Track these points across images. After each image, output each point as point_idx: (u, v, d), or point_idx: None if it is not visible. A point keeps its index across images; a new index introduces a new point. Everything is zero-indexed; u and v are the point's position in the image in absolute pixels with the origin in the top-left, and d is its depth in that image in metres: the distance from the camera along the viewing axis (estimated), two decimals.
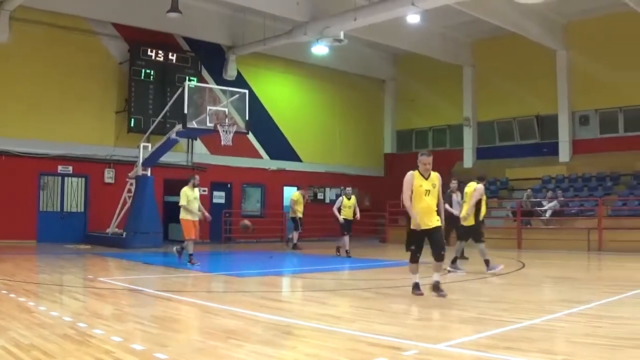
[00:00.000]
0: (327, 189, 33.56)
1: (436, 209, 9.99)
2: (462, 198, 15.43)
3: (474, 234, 14.27)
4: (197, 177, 15.90)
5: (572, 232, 23.35)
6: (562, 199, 25.29)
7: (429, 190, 9.92)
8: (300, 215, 23.90)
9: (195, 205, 15.52)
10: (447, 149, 33.83)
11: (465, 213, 14.17)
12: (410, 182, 9.95)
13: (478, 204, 14.13)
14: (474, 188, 14.28)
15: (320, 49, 27.24)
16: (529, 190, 26.99)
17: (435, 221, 9.92)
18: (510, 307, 9.27)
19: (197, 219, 15.53)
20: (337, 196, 24.56)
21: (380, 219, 30.59)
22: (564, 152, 29.43)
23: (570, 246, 22.18)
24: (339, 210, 19.84)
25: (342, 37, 25.41)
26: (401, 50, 32.06)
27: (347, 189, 20.59)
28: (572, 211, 25.26)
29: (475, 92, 32.54)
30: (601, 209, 23.22)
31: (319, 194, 33.26)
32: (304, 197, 24.54)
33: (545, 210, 25.10)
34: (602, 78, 27.51)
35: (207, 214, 15.99)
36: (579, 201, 25.58)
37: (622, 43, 27.09)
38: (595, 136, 28.92)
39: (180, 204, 15.40)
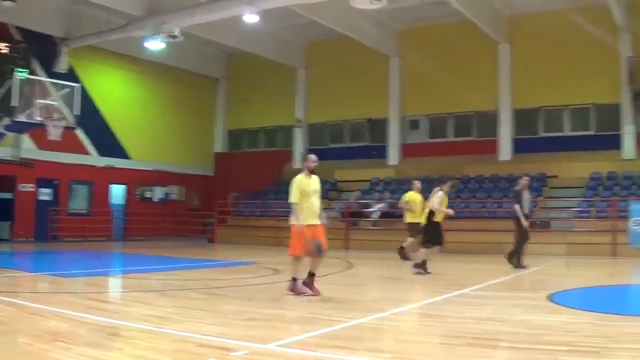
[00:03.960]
0: (157, 188, 34.16)
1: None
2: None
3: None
4: None
5: (399, 233, 25.27)
6: (391, 200, 27.34)
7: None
8: None
9: None
10: (278, 150, 35.70)
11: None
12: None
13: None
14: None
15: (154, 44, 27.55)
16: (357, 191, 29.01)
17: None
18: (339, 306, 9.98)
19: None
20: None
21: (209, 219, 31.61)
22: (394, 155, 31.91)
23: (397, 247, 24.03)
24: None
25: (177, 33, 25.92)
26: (236, 49, 33.27)
27: None
28: (400, 213, 27.25)
29: (308, 94, 34.48)
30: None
31: (147, 193, 33.77)
32: None
33: (374, 212, 27.07)
34: (433, 84, 30.44)
35: None
36: None
37: (454, 51, 30.16)
38: (425, 140, 31.68)
39: None
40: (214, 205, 31.65)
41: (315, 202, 11.14)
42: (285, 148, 35.56)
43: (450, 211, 16.18)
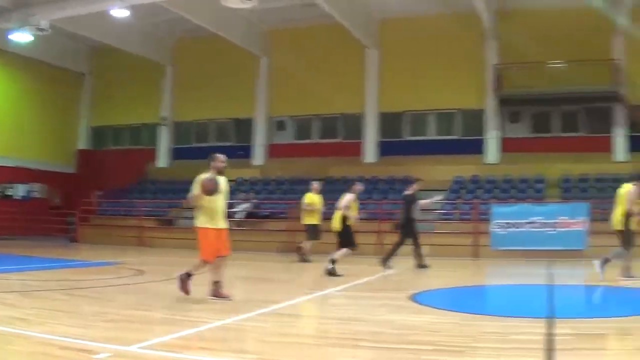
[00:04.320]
0: (18, 185, 32.97)
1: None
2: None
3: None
4: None
5: (264, 234, 25.40)
6: (256, 201, 27.30)
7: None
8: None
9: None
10: (143, 148, 35.05)
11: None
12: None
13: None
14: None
15: (21, 37, 26.62)
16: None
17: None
18: (202, 307, 9.90)
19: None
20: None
21: (71, 217, 30.46)
22: (259, 156, 31.87)
23: (262, 247, 24.05)
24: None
25: (44, 26, 25.19)
26: (102, 44, 32.32)
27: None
28: (265, 213, 27.33)
29: (175, 92, 34.03)
30: (293, 212, 25.49)
31: (8, 190, 32.55)
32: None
33: (239, 212, 26.89)
34: (301, 86, 30.67)
35: None
36: (271, 204, 27.80)
37: (323, 53, 30.56)
38: (291, 141, 31.81)
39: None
40: (77, 204, 30.68)
41: (222, 203, 10.74)
42: (150, 146, 34.89)
43: (354, 214, 16.18)
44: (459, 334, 7.85)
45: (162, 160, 34.24)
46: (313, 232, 19.84)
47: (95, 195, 32.07)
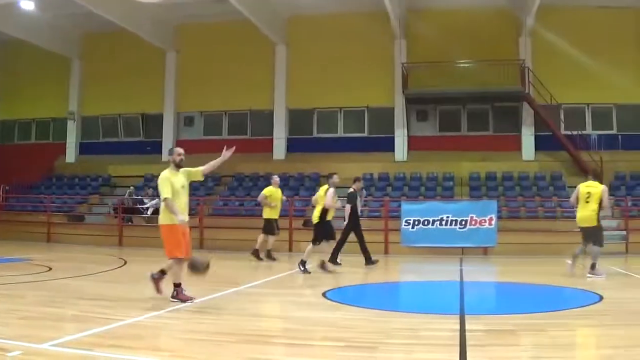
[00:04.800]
0: None
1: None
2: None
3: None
4: None
5: None
6: None
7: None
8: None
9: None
10: (51, 143, 34.08)
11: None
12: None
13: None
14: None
15: None
16: (131, 187, 28.25)
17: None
18: (114, 304, 9.66)
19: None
20: None
21: None
22: (167, 152, 31.35)
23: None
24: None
25: None
26: (9, 36, 30.82)
27: None
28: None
29: (83, 86, 33.23)
30: (202, 208, 25.41)
31: None
32: None
33: (147, 208, 26.48)
34: (209, 81, 30.52)
35: None
36: None
37: (232, 49, 30.36)
38: (200, 137, 31.52)
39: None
40: None
41: (184, 198, 10.40)
42: (59, 141, 33.88)
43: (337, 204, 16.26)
44: (371, 330, 7.88)
45: (71, 155, 33.34)
46: (272, 226, 19.26)
47: (1, 190, 31.05)
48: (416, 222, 22.28)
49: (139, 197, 27.41)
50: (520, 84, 27.52)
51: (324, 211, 15.68)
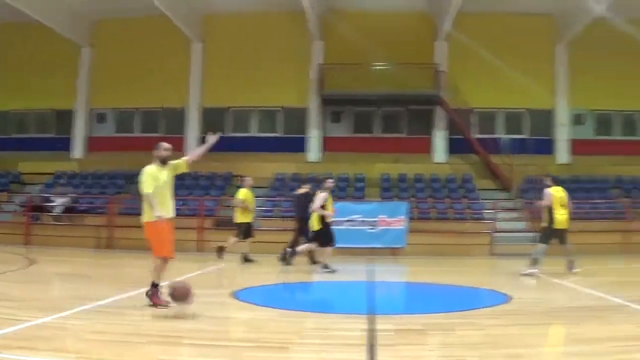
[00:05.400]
0: None
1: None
2: None
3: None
4: None
5: (83, 229, 24.56)
6: (74, 195, 26.33)
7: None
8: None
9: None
10: None
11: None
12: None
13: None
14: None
15: None
16: (41, 185, 27.60)
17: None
18: (19, 305, 9.39)
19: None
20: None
21: None
22: (79, 148, 30.75)
23: (80, 243, 23.25)
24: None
25: None
26: None
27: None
28: (83, 208, 26.43)
29: None
30: (112, 207, 24.97)
31: None
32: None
33: (56, 206, 25.87)
34: (123, 78, 30.10)
35: None
36: (90, 198, 26.92)
37: (147, 46, 30.05)
38: (112, 134, 31.05)
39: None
40: None
41: (168, 195, 9.96)
42: None
43: (329, 212, 16.14)
44: (282, 330, 7.86)
45: None
46: (247, 230, 18.82)
47: None
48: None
49: (47, 194, 26.76)
50: (434, 88, 27.99)
51: (322, 216, 15.88)
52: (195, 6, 29.16)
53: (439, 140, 29.27)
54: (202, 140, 29.27)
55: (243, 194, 18.81)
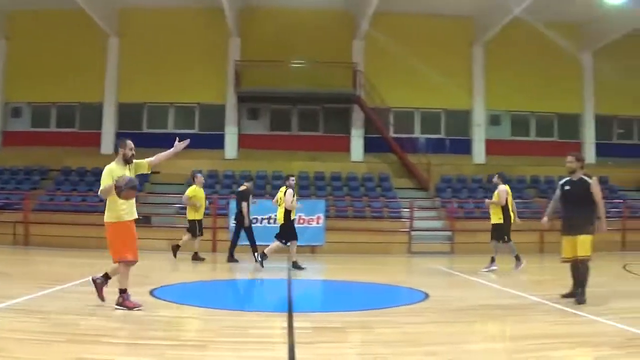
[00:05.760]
0: None
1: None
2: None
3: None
4: None
5: None
6: None
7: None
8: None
9: None
10: None
11: None
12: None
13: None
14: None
15: None
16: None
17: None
18: None
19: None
20: None
21: None
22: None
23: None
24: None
25: None
26: None
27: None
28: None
29: None
30: (28, 203, 24.32)
31: None
32: None
33: None
34: (40, 71, 29.29)
35: None
36: (6, 194, 26.19)
37: (64, 39, 29.26)
38: (27, 129, 30.24)
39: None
40: None
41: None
42: None
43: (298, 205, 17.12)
44: (200, 328, 7.87)
45: None
46: (197, 228, 18.55)
47: None
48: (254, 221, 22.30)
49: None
50: (352, 87, 28.17)
51: (287, 212, 16.36)
52: (112, 1, 28.62)
53: (357, 139, 29.49)
54: (119, 137, 29.01)
55: (192, 191, 18.58)
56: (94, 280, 9.49)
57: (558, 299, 10.42)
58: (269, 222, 22.05)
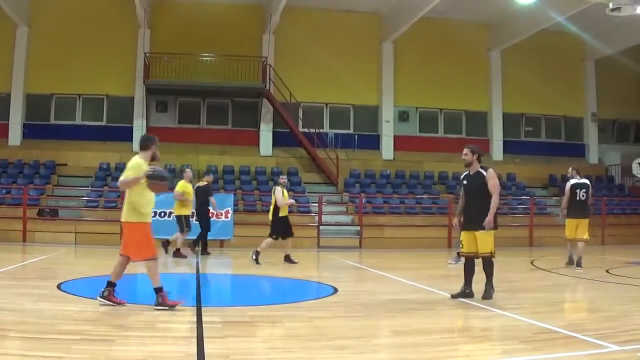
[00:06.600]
0: None
1: None
2: None
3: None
4: None
5: None
6: None
7: None
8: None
9: None
10: None
11: None
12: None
13: None
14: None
15: None
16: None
17: None
18: None
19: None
20: None
21: None
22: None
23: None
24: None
25: None
26: None
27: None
28: None
29: None
30: None
31: None
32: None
33: None
34: None
35: None
36: None
37: None
38: None
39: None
40: None
41: (153, 196, 9.26)
42: None
43: (291, 201, 17.65)
44: (108, 322, 7.76)
45: None
46: (185, 223, 18.21)
47: None
48: (154, 214, 22.03)
49: None
50: (261, 81, 28.16)
51: (276, 208, 16.70)
52: None
53: (266, 133, 29.52)
54: (25, 127, 28.24)
55: (182, 186, 18.31)
56: (103, 298, 9.11)
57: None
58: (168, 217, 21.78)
